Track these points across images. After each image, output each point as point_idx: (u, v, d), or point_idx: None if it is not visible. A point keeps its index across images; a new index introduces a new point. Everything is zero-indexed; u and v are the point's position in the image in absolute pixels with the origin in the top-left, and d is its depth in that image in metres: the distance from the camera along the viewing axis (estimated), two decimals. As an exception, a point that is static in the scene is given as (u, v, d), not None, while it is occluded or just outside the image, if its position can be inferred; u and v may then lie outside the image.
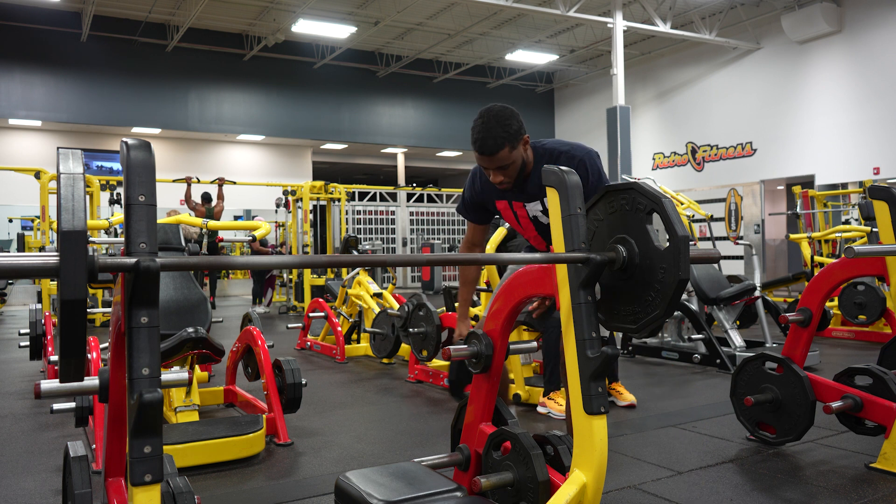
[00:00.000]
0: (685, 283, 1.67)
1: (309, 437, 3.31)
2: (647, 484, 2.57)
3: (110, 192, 9.45)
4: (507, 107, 2.30)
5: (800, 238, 7.70)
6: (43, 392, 1.71)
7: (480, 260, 1.89)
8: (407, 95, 16.87)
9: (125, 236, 1.27)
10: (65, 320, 1.18)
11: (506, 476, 1.97)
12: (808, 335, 2.89)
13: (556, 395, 3.66)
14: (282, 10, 12.88)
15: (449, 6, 12.89)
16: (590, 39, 14.76)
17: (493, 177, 2.35)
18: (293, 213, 10.54)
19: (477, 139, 2.27)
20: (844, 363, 4.08)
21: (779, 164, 12.91)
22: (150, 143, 1.35)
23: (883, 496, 2.41)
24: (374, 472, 1.92)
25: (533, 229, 2.59)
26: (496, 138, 2.25)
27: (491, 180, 2.38)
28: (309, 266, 1.74)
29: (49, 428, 3.52)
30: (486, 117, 2.26)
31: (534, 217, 2.53)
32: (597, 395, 1.73)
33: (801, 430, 2.86)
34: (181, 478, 1.78)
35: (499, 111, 2.27)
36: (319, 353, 5.98)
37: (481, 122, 2.26)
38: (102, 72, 13.76)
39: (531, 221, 2.56)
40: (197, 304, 3.59)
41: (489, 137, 2.25)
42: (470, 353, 2.13)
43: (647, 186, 1.79)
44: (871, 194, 2.76)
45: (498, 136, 2.24)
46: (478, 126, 2.27)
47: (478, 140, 2.27)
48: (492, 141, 2.25)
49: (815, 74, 12.33)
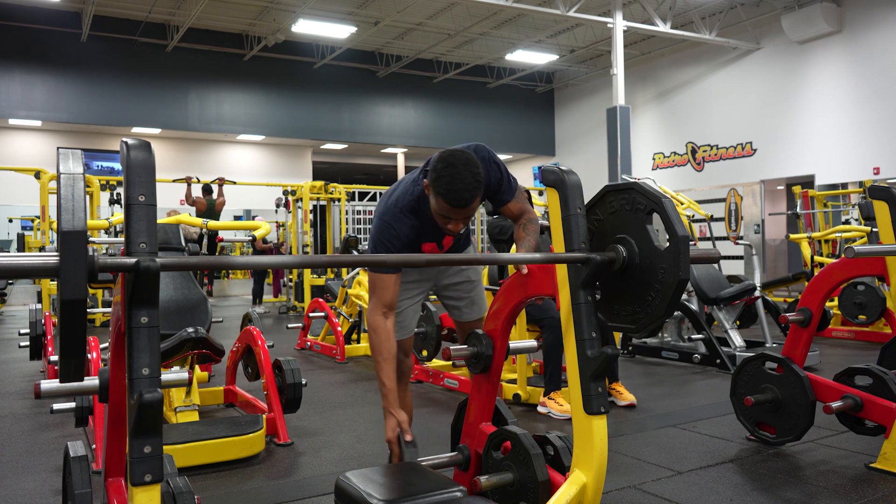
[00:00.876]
0: (685, 283, 1.67)
1: (309, 437, 3.31)
2: (647, 484, 2.57)
3: (110, 192, 9.45)
4: (467, 151, 2.17)
5: (800, 238, 7.70)
6: (43, 392, 1.71)
7: (481, 260, 1.90)
8: (407, 95, 16.86)
9: (125, 236, 1.27)
10: (65, 320, 1.18)
11: (506, 476, 1.97)
12: (808, 335, 2.89)
13: (556, 395, 3.66)
14: (282, 10, 12.87)
15: (449, 6, 12.89)
16: (590, 39, 14.75)
17: (453, 225, 2.18)
18: (293, 213, 10.54)
19: (451, 191, 2.07)
20: (844, 363, 4.08)
21: (779, 164, 12.90)
22: (150, 143, 1.35)
23: (883, 496, 2.41)
24: (374, 472, 1.92)
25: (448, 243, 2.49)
26: (472, 190, 2.08)
27: (450, 229, 2.19)
28: (309, 266, 1.74)
29: (49, 428, 3.52)
30: (456, 166, 2.09)
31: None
32: (597, 395, 1.73)
33: (801, 430, 2.86)
34: (181, 478, 1.78)
35: (467, 159, 2.11)
36: (319, 353, 5.98)
37: (452, 173, 2.08)
38: (102, 72, 13.75)
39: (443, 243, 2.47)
40: (197, 304, 3.59)
41: (465, 190, 2.07)
42: (470, 353, 2.13)
43: (647, 186, 1.79)
44: (871, 194, 2.76)
45: (472, 187, 2.08)
46: (447, 176, 2.08)
47: (452, 192, 2.07)
48: (468, 194, 2.08)
49: (815, 74, 12.33)
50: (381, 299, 2.31)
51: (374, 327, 2.31)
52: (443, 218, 2.18)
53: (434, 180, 2.12)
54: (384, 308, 2.32)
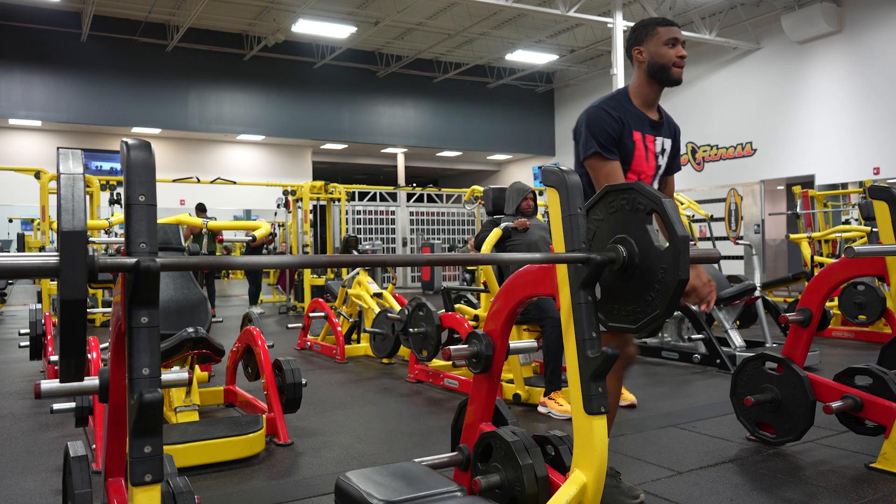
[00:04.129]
0: (685, 283, 1.67)
1: (309, 437, 3.31)
2: (647, 484, 2.57)
3: (110, 192, 9.45)
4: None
5: (800, 238, 7.70)
6: (43, 392, 1.71)
7: (480, 260, 1.89)
8: (407, 95, 16.86)
9: (125, 236, 1.27)
10: (65, 320, 1.18)
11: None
12: (808, 335, 2.89)
13: (556, 395, 3.66)
14: (282, 10, 12.88)
15: (449, 6, 12.89)
16: (590, 39, 14.76)
17: (679, 50, 2.35)
18: (293, 213, 10.54)
19: (661, 19, 2.38)
20: (844, 363, 4.08)
21: (779, 164, 12.91)
22: (150, 143, 1.35)
23: (883, 496, 2.41)
24: (375, 472, 1.92)
25: (653, 168, 2.46)
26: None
27: (679, 54, 2.35)
28: (309, 266, 1.74)
29: (49, 428, 3.52)
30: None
31: (657, 153, 2.45)
32: (597, 395, 1.73)
33: (801, 430, 2.86)
34: (181, 478, 1.78)
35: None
36: (319, 353, 5.98)
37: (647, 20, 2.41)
38: (102, 72, 13.76)
39: (655, 159, 2.45)
40: (197, 304, 3.58)
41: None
42: (470, 353, 2.13)
43: (647, 186, 1.79)
44: (871, 194, 2.76)
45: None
46: (648, 20, 2.40)
47: (661, 19, 2.38)
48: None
49: (815, 74, 12.33)
50: (614, 178, 2.32)
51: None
52: (670, 49, 2.35)
53: (642, 30, 2.38)
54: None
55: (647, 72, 2.39)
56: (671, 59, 2.34)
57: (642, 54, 2.38)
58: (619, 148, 2.34)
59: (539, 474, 1.90)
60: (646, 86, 2.41)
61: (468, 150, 17.98)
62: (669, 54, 2.34)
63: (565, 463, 1.99)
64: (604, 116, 2.33)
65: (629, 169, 2.38)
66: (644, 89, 2.41)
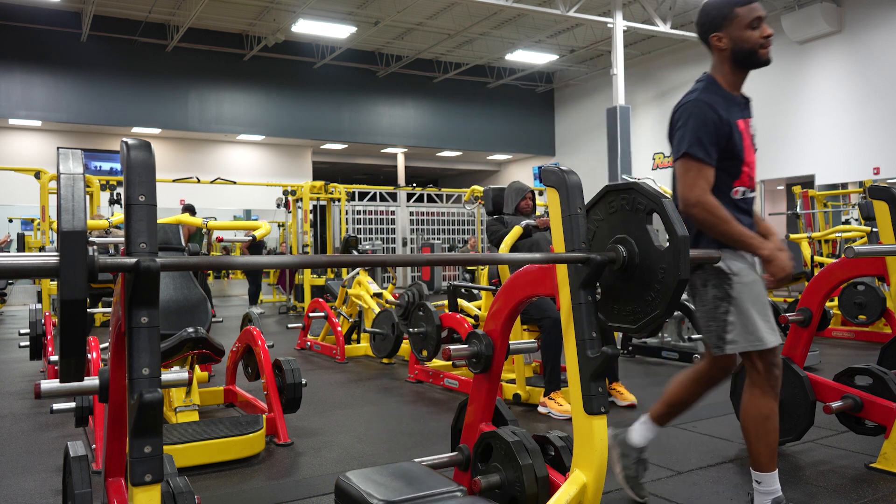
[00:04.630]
0: (685, 283, 1.67)
1: (309, 437, 3.31)
2: (647, 484, 2.57)
3: (110, 192, 9.45)
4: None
5: (800, 238, 7.70)
6: (43, 392, 1.71)
7: (481, 260, 1.89)
8: (407, 95, 16.86)
9: (125, 236, 1.27)
10: (65, 320, 1.18)
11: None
12: (808, 335, 2.89)
13: (556, 395, 3.66)
14: (282, 10, 12.88)
15: (449, 6, 12.89)
16: (590, 39, 14.76)
17: (764, 30, 2.14)
18: (293, 213, 10.54)
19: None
20: (844, 363, 4.08)
21: (779, 164, 12.90)
22: (150, 143, 1.35)
23: (883, 496, 2.41)
24: (375, 472, 1.92)
25: (754, 154, 2.24)
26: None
27: (765, 34, 2.13)
28: (309, 266, 1.74)
29: (49, 428, 3.52)
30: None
31: (753, 136, 2.25)
32: (597, 395, 1.73)
33: (801, 430, 2.86)
34: (181, 478, 1.78)
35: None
36: (319, 353, 5.98)
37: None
38: (102, 72, 13.76)
39: (753, 143, 2.24)
40: (197, 304, 3.58)
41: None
42: (470, 353, 2.13)
43: (647, 186, 1.79)
44: (871, 194, 2.76)
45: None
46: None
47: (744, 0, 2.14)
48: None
49: (815, 74, 12.33)
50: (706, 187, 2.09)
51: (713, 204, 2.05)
52: (754, 31, 2.13)
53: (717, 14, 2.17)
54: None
55: (731, 59, 2.20)
56: (758, 42, 2.14)
57: (722, 41, 2.18)
58: (728, 146, 2.13)
59: (539, 474, 1.90)
60: (731, 74, 2.22)
61: (468, 150, 17.98)
62: (755, 37, 2.13)
63: (565, 463, 1.99)
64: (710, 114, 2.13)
65: (743, 162, 2.16)
66: (730, 77, 2.23)
